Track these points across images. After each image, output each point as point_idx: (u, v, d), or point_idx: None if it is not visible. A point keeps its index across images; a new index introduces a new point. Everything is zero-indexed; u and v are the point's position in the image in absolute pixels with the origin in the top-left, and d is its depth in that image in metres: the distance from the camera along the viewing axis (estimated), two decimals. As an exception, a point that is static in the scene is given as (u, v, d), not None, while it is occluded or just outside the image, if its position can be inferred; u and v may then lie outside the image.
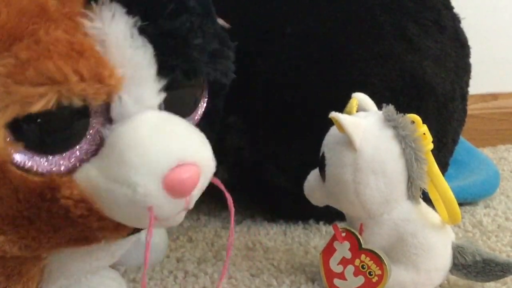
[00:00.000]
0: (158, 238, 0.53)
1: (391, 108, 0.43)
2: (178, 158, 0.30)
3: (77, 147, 0.30)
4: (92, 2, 0.29)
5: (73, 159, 0.30)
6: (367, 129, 0.43)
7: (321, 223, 0.61)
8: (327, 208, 0.47)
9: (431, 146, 0.43)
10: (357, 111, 0.45)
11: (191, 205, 0.33)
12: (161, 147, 0.30)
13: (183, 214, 0.33)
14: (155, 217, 0.30)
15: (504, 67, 0.92)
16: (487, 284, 0.48)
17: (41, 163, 0.29)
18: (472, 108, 0.75)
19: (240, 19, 0.57)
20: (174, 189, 0.30)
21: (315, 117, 0.48)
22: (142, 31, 0.30)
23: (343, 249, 0.46)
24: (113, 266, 0.46)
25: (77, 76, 0.27)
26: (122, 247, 0.40)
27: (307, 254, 0.55)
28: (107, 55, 0.29)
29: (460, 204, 0.44)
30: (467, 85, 0.63)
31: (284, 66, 0.55)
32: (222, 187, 0.36)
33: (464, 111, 0.63)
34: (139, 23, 0.30)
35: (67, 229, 0.32)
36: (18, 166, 0.29)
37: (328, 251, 0.46)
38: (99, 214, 0.31)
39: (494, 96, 0.93)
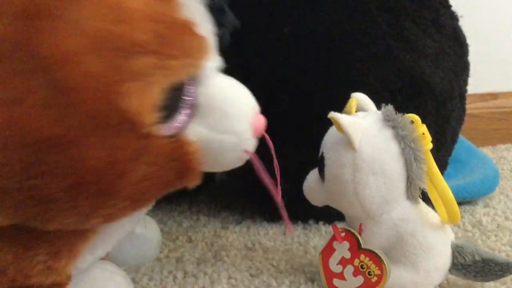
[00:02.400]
0: (150, 233, 0.53)
1: (390, 108, 0.43)
2: (254, 107, 0.37)
3: (183, 110, 0.34)
4: None
5: (183, 120, 0.34)
6: (366, 129, 0.43)
7: (320, 223, 0.61)
8: (327, 208, 0.47)
9: (431, 146, 0.43)
10: (356, 111, 0.45)
11: None
12: (245, 99, 0.36)
13: None
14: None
15: (503, 67, 0.92)
16: (487, 284, 0.48)
17: (168, 128, 0.33)
18: (471, 107, 0.75)
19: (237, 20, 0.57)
20: (257, 131, 0.37)
21: (314, 117, 0.48)
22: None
23: (342, 249, 0.46)
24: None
25: (199, 48, 0.33)
26: None
27: (307, 254, 0.55)
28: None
29: (460, 204, 0.44)
30: (465, 83, 0.63)
31: (281, 67, 0.55)
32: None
33: (463, 110, 0.63)
34: None
35: (173, 184, 0.35)
36: (160, 135, 0.32)
37: (328, 251, 0.46)
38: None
39: (494, 96, 0.93)
